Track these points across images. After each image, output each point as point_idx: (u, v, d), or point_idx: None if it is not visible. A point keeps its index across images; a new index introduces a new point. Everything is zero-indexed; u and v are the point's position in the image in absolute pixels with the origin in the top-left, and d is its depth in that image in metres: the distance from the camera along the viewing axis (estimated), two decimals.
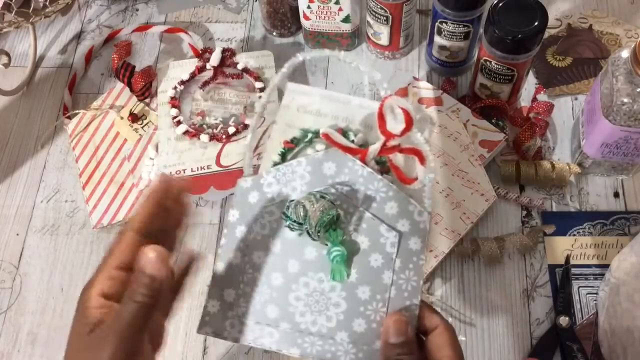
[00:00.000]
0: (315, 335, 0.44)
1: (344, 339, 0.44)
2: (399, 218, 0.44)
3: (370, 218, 0.44)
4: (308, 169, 0.45)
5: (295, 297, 0.44)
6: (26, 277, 0.65)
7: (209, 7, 0.81)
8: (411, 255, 0.44)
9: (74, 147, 0.71)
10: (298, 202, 0.43)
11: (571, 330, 0.58)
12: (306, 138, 0.46)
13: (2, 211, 0.69)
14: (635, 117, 0.55)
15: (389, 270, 0.44)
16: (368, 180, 0.44)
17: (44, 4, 0.71)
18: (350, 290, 0.44)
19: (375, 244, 0.44)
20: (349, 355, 0.44)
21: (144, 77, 0.70)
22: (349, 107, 0.47)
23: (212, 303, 0.45)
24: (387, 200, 0.44)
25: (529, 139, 0.65)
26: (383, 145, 0.44)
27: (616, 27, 0.75)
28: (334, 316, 0.44)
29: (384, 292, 0.44)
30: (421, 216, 0.44)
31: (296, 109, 0.48)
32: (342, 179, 0.44)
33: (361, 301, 0.44)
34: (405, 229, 0.44)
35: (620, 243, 0.63)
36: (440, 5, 0.63)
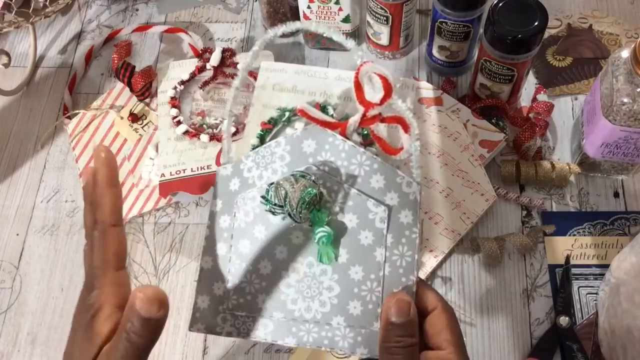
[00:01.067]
0: (310, 322, 0.42)
1: (341, 324, 0.41)
2: (386, 191, 0.41)
3: (356, 194, 0.41)
4: (287, 148, 0.42)
5: (286, 284, 0.42)
6: (26, 277, 0.65)
7: (209, 7, 0.81)
8: (403, 229, 0.41)
9: (74, 147, 0.71)
10: (278, 184, 0.40)
11: (571, 330, 0.58)
12: (284, 117, 0.44)
13: (2, 211, 0.69)
14: (635, 117, 0.55)
15: (380, 247, 0.41)
16: (350, 154, 0.42)
17: (44, 4, 0.71)
18: (342, 272, 0.41)
19: (364, 220, 0.41)
20: (346, 340, 0.41)
21: (144, 77, 0.70)
22: (326, 81, 0.45)
23: (202, 298, 0.43)
24: (372, 174, 0.41)
25: (529, 139, 0.65)
26: (363, 116, 0.41)
27: (616, 27, 0.75)
28: (328, 301, 0.42)
29: (378, 271, 0.41)
30: (410, 187, 0.41)
31: (272, 87, 0.45)
32: (324, 155, 0.42)
33: (355, 282, 0.41)
34: (394, 202, 0.41)
35: (620, 243, 0.63)
36: (440, 5, 0.63)
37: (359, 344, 0.41)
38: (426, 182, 0.64)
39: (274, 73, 0.46)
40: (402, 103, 0.41)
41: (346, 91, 0.44)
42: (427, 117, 0.68)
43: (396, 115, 0.41)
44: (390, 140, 0.42)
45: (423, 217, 0.63)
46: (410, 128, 0.41)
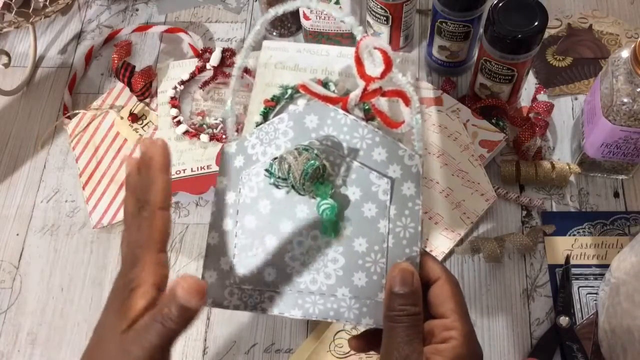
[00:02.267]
0: (316, 294, 0.42)
1: (346, 295, 0.42)
2: (389, 164, 0.42)
3: (358, 167, 0.42)
4: (290, 124, 0.43)
5: (291, 257, 0.43)
6: (26, 277, 0.65)
7: (209, 7, 0.81)
8: (406, 201, 0.42)
9: (74, 147, 0.71)
10: (281, 157, 0.41)
11: (571, 330, 0.58)
12: (286, 94, 0.45)
13: (2, 211, 0.69)
14: (635, 117, 0.55)
15: (384, 219, 0.42)
16: (352, 128, 0.42)
17: (44, 4, 0.71)
18: (346, 244, 0.42)
19: (367, 193, 0.42)
20: (352, 311, 0.42)
21: (144, 77, 0.70)
22: (327, 58, 0.46)
23: (209, 273, 0.44)
24: (375, 147, 0.42)
25: (529, 139, 0.65)
26: (364, 90, 0.42)
27: (616, 27, 0.75)
28: (333, 273, 0.42)
29: (382, 242, 0.42)
30: (412, 160, 0.42)
31: (274, 66, 0.46)
32: (326, 130, 0.42)
33: (359, 254, 0.42)
34: (397, 175, 0.42)
35: (620, 243, 0.63)
36: (440, 5, 0.63)
37: (364, 314, 0.42)
38: (426, 182, 0.64)
39: (276, 52, 0.46)
40: (403, 77, 0.42)
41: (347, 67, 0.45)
42: (427, 117, 0.68)
43: (397, 89, 0.42)
44: (392, 114, 0.43)
45: (423, 217, 0.63)
46: (411, 101, 0.42)
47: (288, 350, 0.60)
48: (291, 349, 0.60)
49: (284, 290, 0.43)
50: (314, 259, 0.43)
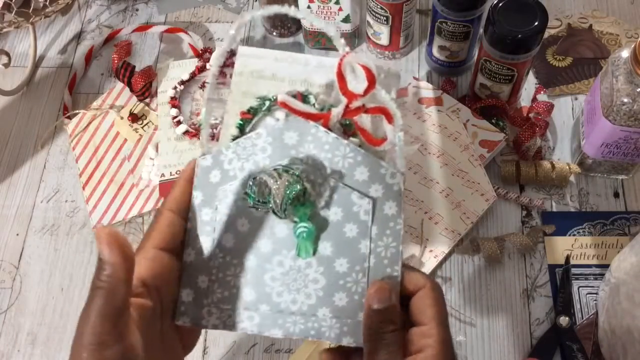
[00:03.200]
0: (297, 314, 0.42)
1: (326, 315, 0.42)
2: (370, 183, 0.41)
3: (340, 187, 0.41)
4: (269, 140, 0.42)
5: (271, 277, 0.42)
6: (26, 277, 0.65)
7: (209, 7, 0.81)
8: (387, 220, 0.41)
9: (74, 147, 0.71)
10: (260, 179, 0.40)
11: (571, 330, 0.58)
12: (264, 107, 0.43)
13: (2, 211, 0.69)
14: (635, 117, 0.55)
15: (365, 239, 0.41)
16: (334, 146, 0.41)
17: (44, 4, 0.71)
18: (327, 265, 0.41)
19: (349, 213, 0.41)
20: (333, 330, 0.41)
21: (144, 77, 0.70)
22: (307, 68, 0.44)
23: (186, 292, 0.42)
24: (357, 166, 0.41)
25: (529, 139, 0.65)
26: (346, 107, 0.41)
27: (616, 27, 0.75)
28: (313, 293, 0.42)
29: (363, 262, 0.41)
30: (394, 178, 0.41)
31: (250, 74, 0.44)
32: (306, 147, 0.41)
33: (340, 274, 0.41)
34: (379, 194, 0.41)
35: (620, 243, 0.63)
36: (440, 5, 0.63)
37: (345, 334, 0.41)
38: (426, 182, 0.64)
39: (252, 59, 0.45)
40: (386, 94, 0.41)
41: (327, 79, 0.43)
42: (427, 117, 0.68)
43: (380, 107, 0.41)
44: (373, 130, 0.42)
45: (423, 217, 0.63)
46: (393, 119, 0.41)
47: (288, 350, 0.60)
48: (291, 349, 0.60)
49: (264, 310, 0.42)
50: (295, 279, 0.42)
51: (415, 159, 0.65)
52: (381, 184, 0.41)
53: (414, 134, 0.67)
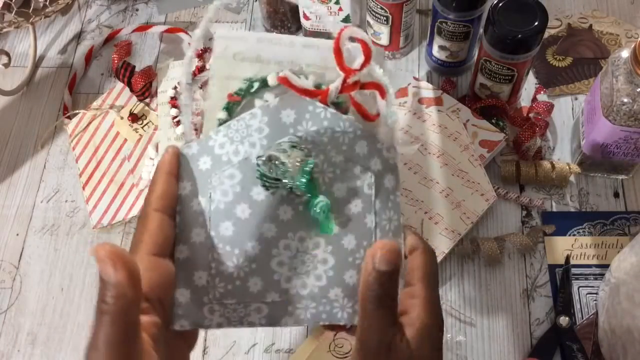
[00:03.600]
0: (307, 298, 0.39)
1: (339, 295, 0.39)
2: (370, 157, 0.40)
3: (342, 162, 0.39)
4: (265, 120, 0.39)
5: (278, 262, 0.39)
6: (26, 277, 0.65)
7: (209, 7, 0.81)
8: (388, 193, 0.40)
9: (74, 147, 0.71)
10: (272, 156, 0.37)
11: (571, 330, 0.58)
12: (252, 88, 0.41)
13: (2, 211, 0.69)
14: (635, 117, 0.55)
15: (370, 214, 0.40)
16: (333, 122, 0.39)
17: (44, 4, 0.71)
18: (335, 243, 0.39)
19: (352, 188, 0.40)
20: (345, 310, 0.39)
21: (144, 77, 0.70)
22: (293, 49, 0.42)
23: (181, 291, 0.38)
24: (357, 140, 0.40)
25: (529, 139, 0.65)
26: (343, 82, 0.40)
27: (616, 27, 0.75)
28: (323, 274, 0.39)
29: (370, 237, 0.39)
30: (389, 152, 0.41)
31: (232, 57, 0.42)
32: (304, 125, 0.39)
33: (348, 251, 0.39)
34: (378, 167, 0.40)
35: (620, 243, 0.63)
36: (440, 5, 0.63)
37: (357, 312, 0.39)
38: (426, 182, 0.64)
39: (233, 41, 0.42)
40: (379, 69, 0.40)
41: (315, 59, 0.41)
42: (427, 117, 0.68)
43: (375, 82, 0.40)
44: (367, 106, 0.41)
45: (423, 217, 0.63)
46: (386, 94, 0.40)
47: (288, 350, 0.60)
48: (291, 349, 0.60)
49: (272, 299, 0.39)
50: (303, 262, 0.39)
51: (415, 159, 0.65)
52: (379, 157, 0.40)
53: (414, 133, 0.67)
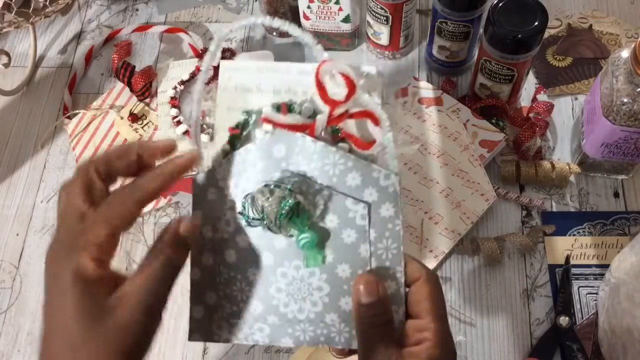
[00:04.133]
0: (305, 322, 0.42)
1: (334, 320, 0.42)
2: (364, 188, 0.41)
3: (333, 195, 0.41)
4: (258, 155, 0.41)
5: (276, 289, 0.42)
6: (26, 277, 0.65)
7: (209, 7, 0.81)
8: (385, 222, 0.41)
9: (74, 147, 0.71)
10: (252, 197, 0.40)
11: (571, 330, 0.58)
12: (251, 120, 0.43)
13: (2, 211, 0.69)
14: (635, 117, 0.55)
15: (365, 243, 0.41)
16: (323, 154, 0.41)
17: (44, 4, 0.71)
18: (330, 272, 0.42)
19: (345, 219, 0.41)
20: (342, 335, 0.42)
21: (144, 77, 0.70)
22: (289, 76, 0.43)
23: (196, 309, 0.43)
24: (348, 172, 0.41)
25: (529, 139, 0.65)
26: (329, 115, 0.41)
27: (616, 27, 0.75)
28: (319, 300, 0.42)
29: (365, 266, 0.41)
30: (388, 179, 0.41)
31: (234, 88, 0.44)
32: (295, 158, 0.41)
33: (343, 280, 0.41)
34: (374, 198, 0.41)
35: (620, 243, 0.63)
36: (440, 5, 0.63)
37: (355, 337, 0.41)
38: (426, 182, 0.64)
39: (236, 73, 0.44)
40: (369, 97, 0.40)
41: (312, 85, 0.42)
42: (427, 117, 0.68)
43: (364, 110, 0.41)
44: (362, 133, 0.42)
45: (423, 217, 0.63)
46: (380, 121, 0.41)
47: (288, 350, 0.60)
48: (291, 349, 0.60)
49: (272, 321, 0.43)
50: (299, 289, 0.42)
51: (415, 159, 0.65)
52: (375, 187, 0.41)
53: (414, 133, 0.67)
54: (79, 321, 0.34)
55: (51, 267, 0.37)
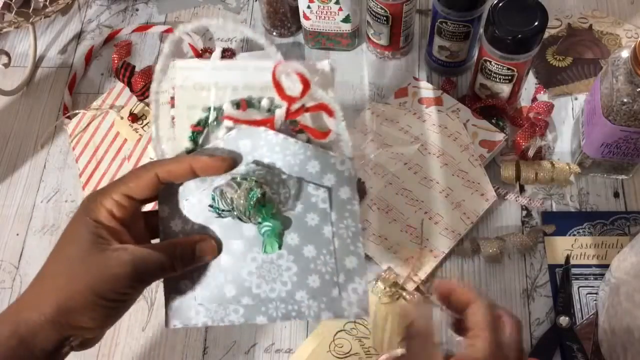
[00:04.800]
0: (276, 300, 0.46)
1: (304, 297, 0.46)
2: (323, 174, 0.45)
3: (295, 182, 0.45)
4: (225, 151, 0.44)
5: (248, 272, 0.46)
6: (26, 277, 0.65)
7: (209, 7, 0.81)
8: (344, 204, 0.45)
9: (74, 147, 0.71)
10: (221, 191, 0.43)
11: (571, 330, 0.58)
12: (211, 117, 0.46)
13: (2, 211, 0.69)
14: (635, 117, 0.55)
15: (327, 225, 0.45)
16: (284, 146, 0.44)
17: (44, 4, 0.71)
18: (296, 253, 0.45)
19: (308, 204, 0.45)
20: (312, 309, 0.46)
21: (144, 77, 0.70)
22: (246, 72, 0.46)
23: (172, 297, 0.46)
24: (308, 160, 0.45)
25: (529, 139, 0.65)
26: (287, 109, 0.44)
27: (616, 27, 0.75)
28: (288, 279, 0.46)
29: (328, 245, 0.45)
30: (343, 164, 0.45)
31: (192, 87, 0.47)
32: (259, 152, 0.44)
33: (309, 259, 0.45)
34: (332, 182, 0.45)
35: (620, 243, 0.63)
36: (440, 5, 0.63)
37: (323, 310, 0.46)
38: (426, 182, 0.64)
39: (192, 71, 0.47)
40: (322, 92, 0.44)
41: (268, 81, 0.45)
42: (427, 117, 0.68)
43: (319, 104, 0.44)
44: (318, 124, 0.45)
45: (423, 217, 0.63)
46: (334, 112, 0.44)
47: (288, 350, 0.60)
48: (291, 349, 0.60)
49: (246, 302, 0.46)
50: (269, 271, 0.46)
51: (415, 159, 0.65)
52: (333, 172, 0.45)
53: (414, 133, 0.67)
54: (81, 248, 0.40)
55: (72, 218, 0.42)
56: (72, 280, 0.40)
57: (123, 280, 0.40)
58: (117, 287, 0.40)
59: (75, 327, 0.40)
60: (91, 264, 0.40)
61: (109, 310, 0.41)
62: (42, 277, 0.42)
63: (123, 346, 0.60)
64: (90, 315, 0.40)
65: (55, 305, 0.39)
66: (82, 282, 0.39)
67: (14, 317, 0.39)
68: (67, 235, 0.42)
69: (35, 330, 0.39)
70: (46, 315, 0.39)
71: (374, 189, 0.64)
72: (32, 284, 0.41)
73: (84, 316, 0.40)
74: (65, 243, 0.42)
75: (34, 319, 0.39)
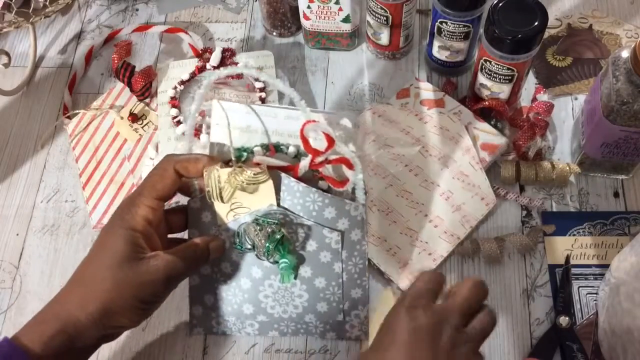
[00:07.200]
0: (288, 320, 0.55)
1: (312, 319, 0.54)
2: (338, 219, 0.51)
3: (313, 225, 0.51)
4: None
5: (264, 295, 0.53)
6: (26, 277, 0.65)
7: (209, 7, 0.81)
8: (354, 245, 0.52)
9: (74, 147, 0.71)
10: (244, 231, 0.50)
11: (571, 330, 0.58)
12: (242, 157, 0.51)
13: (2, 211, 0.69)
14: (636, 117, 0.55)
15: (338, 262, 0.52)
16: (304, 193, 0.50)
17: (44, 4, 0.71)
18: (308, 284, 0.53)
19: (322, 244, 0.52)
20: (318, 329, 0.55)
21: (144, 77, 0.70)
22: (277, 120, 0.52)
23: (196, 307, 0.54)
24: (325, 207, 0.51)
25: (529, 139, 0.65)
26: (311, 161, 0.50)
27: (616, 27, 0.75)
28: (300, 304, 0.54)
29: (337, 279, 0.53)
30: (357, 210, 0.51)
31: (226, 126, 0.52)
32: (281, 195, 0.50)
33: (320, 289, 0.53)
34: (345, 227, 0.52)
35: (620, 243, 0.63)
36: (440, 5, 0.63)
37: (328, 330, 0.55)
38: (427, 185, 0.64)
39: (228, 112, 0.52)
40: (346, 147, 0.50)
41: (295, 130, 0.51)
42: (429, 119, 0.67)
43: (340, 157, 0.50)
44: (337, 173, 0.52)
45: (423, 219, 0.63)
46: (354, 166, 0.51)
47: (288, 350, 0.60)
48: (291, 349, 0.59)
49: (261, 319, 0.55)
50: (283, 296, 0.53)
51: (416, 161, 0.65)
52: (347, 217, 0.51)
53: (415, 135, 0.67)
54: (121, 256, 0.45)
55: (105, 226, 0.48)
56: (117, 286, 0.44)
57: (158, 285, 0.45)
58: (154, 291, 0.46)
59: (115, 326, 0.46)
60: (131, 271, 0.45)
61: (144, 312, 0.47)
62: (83, 281, 0.46)
63: (123, 346, 0.61)
64: (129, 316, 0.45)
65: (101, 307, 0.44)
66: (125, 288, 0.44)
67: (61, 316, 0.44)
68: (105, 244, 0.46)
69: (82, 329, 0.44)
70: (93, 316, 0.44)
71: (375, 190, 0.64)
72: (73, 287, 0.46)
73: (124, 317, 0.45)
74: (103, 251, 0.46)
75: (81, 320, 0.44)
